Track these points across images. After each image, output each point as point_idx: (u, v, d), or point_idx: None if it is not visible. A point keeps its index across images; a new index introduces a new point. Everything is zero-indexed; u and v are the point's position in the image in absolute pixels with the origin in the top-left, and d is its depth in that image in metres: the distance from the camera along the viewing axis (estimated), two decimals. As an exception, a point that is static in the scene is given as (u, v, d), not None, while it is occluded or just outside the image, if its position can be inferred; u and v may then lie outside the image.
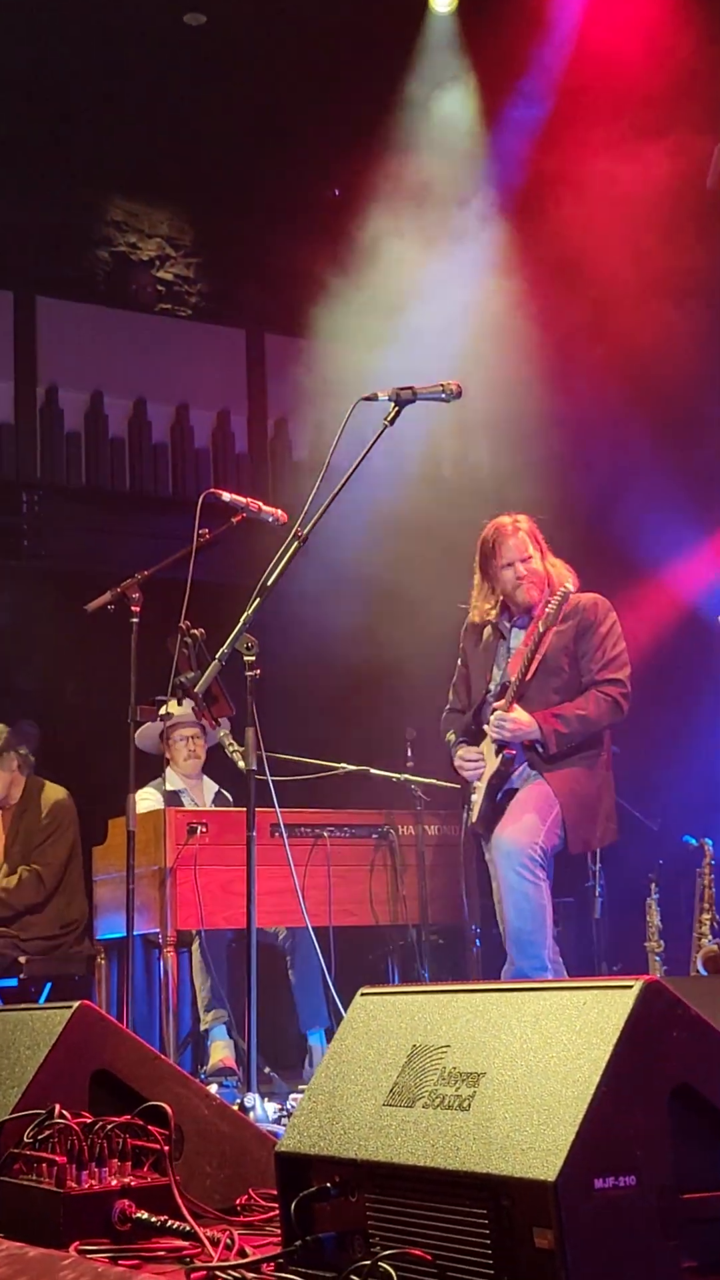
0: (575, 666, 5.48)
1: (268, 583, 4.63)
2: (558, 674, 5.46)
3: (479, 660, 5.72)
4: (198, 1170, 3.28)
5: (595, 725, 5.41)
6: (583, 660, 5.48)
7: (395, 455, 5.04)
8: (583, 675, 5.47)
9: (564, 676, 5.47)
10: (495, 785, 5.53)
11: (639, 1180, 2.13)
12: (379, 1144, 2.46)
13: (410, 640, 8.73)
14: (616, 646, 5.50)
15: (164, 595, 5.76)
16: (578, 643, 5.50)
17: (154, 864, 6.31)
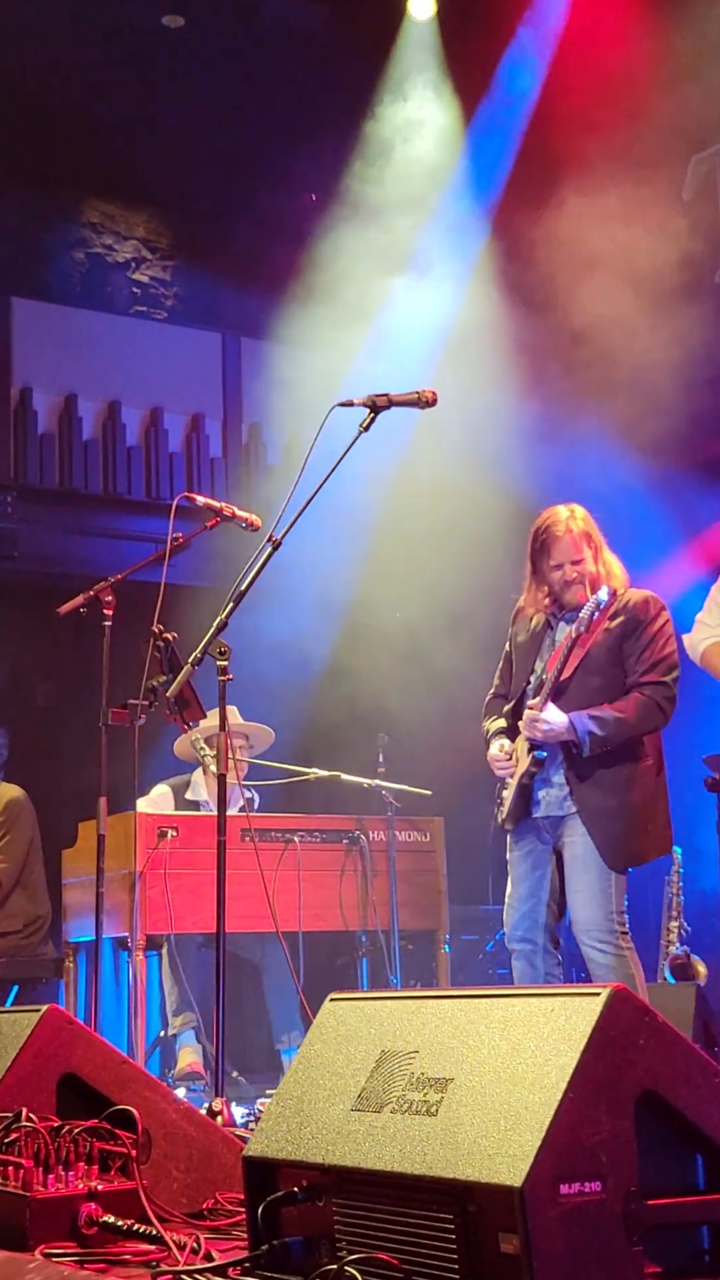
0: (619, 666, 5.20)
1: (241, 587, 4.63)
2: (600, 673, 5.20)
3: (524, 650, 5.44)
4: (165, 1174, 3.28)
5: (634, 729, 5.11)
6: (628, 660, 5.20)
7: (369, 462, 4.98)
8: (627, 675, 5.19)
9: (607, 676, 5.20)
10: (526, 785, 5.24)
11: (605, 1186, 2.14)
12: (347, 1149, 2.47)
13: (383, 645, 8.75)
14: (665, 648, 5.20)
15: (137, 598, 5.76)
16: (623, 642, 5.20)
17: (124, 867, 6.31)
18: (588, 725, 5.07)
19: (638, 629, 5.20)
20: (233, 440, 10.52)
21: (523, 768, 5.20)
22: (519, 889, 5.34)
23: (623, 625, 5.21)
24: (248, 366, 10.60)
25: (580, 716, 5.08)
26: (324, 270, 9.55)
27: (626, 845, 5.14)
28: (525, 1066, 2.26)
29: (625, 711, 5.09)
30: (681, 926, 7.36)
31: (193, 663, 4.65)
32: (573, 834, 5.17)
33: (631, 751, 5.17)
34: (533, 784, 5.26)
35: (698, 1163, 2.32)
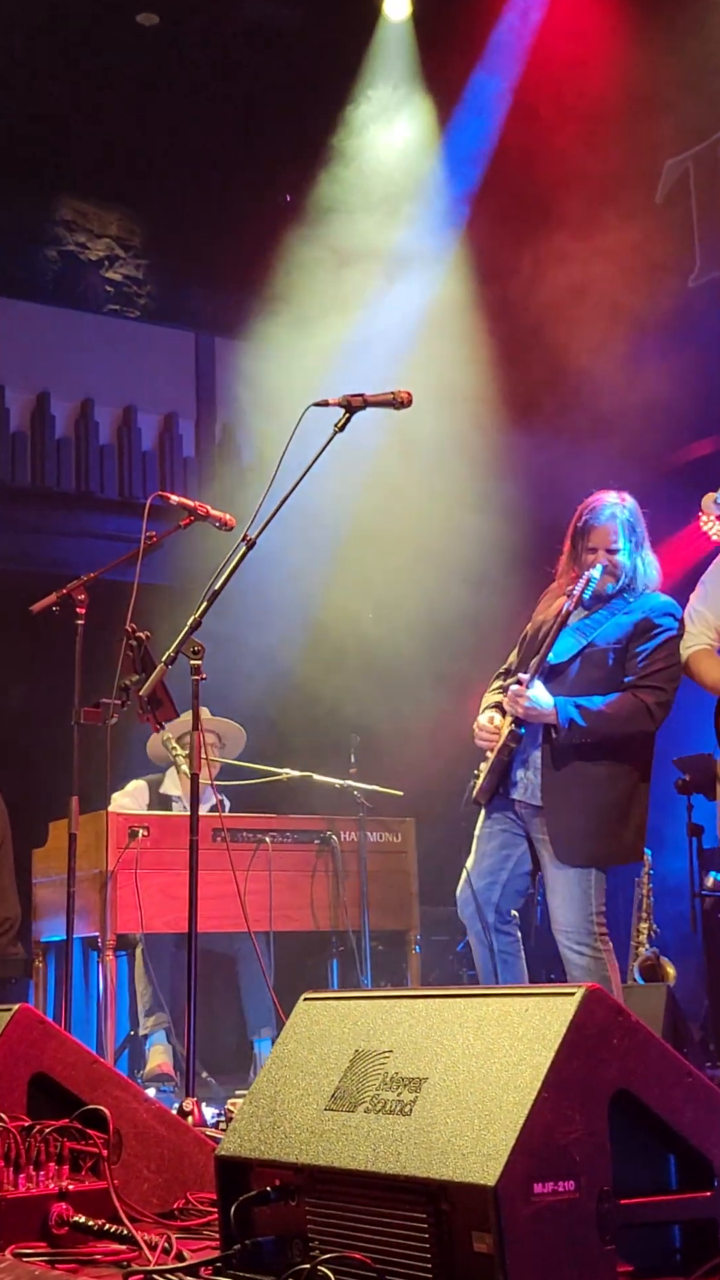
0: (621, 664, 5.10)
1: (215, 587, 4.62)
2: (603, 666, 5.10)
3: (540, 629, 5.29)
4: (136, 1174, 3.27)
5: (618, 727, 4.99)
6: (633, 660, 5.09)
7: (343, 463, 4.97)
8: (626, 674, 5.10)
9: (609, 670, 5.10)
10: (504, 761, 5.09)
11: (578, 1185, 2.15)
12: (320, 1148, 2.47)
13: (356, 645, 8.75)
14: (671, 658, 5.12)
15: (109, 597, 5.74)
16: (631, 640, 5.10)
17: (95, 867, 6.30)
18: (571, 713, 4.97)
19: (650, 632, 5.11)
20: (206, 440, 10.51)
21: (501, 739, 5.08)
22: (479, 865, 5.21)
23: (637, 625, 5.12)
24: (221, 366, 10.59)
25: (566, 703, 4.99)
26: (298, 270, 9.55)
27: (585, 842, 5.05)
28: (499, 1066, 2.26)
29: (614, 708, 5.00)
30: (651, 928, 7.38)
31: (166, 662, 4.64)
32: (545, 833, 5.09)
33: (618, 751, 5.08)
34: (511, 762, 5.13)
35: (670, 1162, 2.33)
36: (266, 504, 4.55)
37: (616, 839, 5.09)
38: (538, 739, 5.10)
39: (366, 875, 6.90)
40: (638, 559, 5.19)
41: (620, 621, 5.14)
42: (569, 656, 5.13)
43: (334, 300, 9.38)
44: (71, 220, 11.22)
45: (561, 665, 5.12)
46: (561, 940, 5.09)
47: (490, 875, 5.18)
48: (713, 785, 6.81)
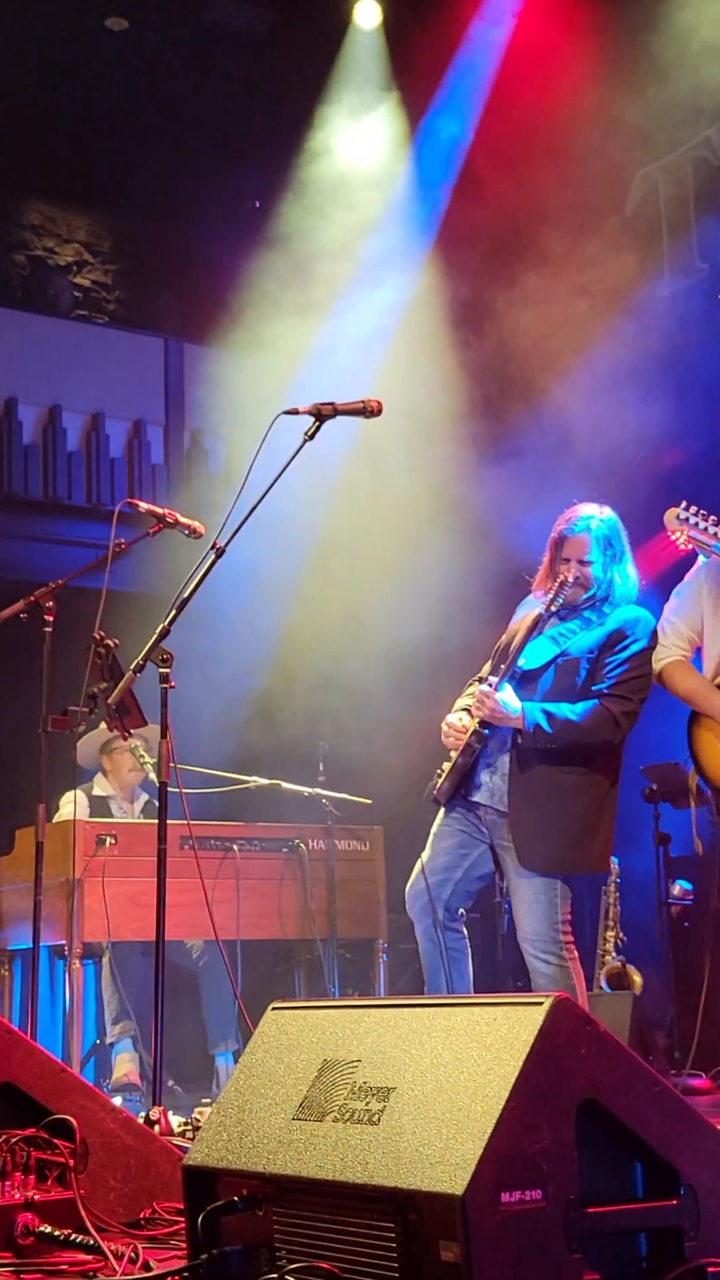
0: (593, 673, 5.08)
1: (184, 595, 4.61)
2: (574, 675, 5.08)
3: (516, 636, 5.26)
4: (102, 1184, 3.26)
5: (583, 735, 4.97)
6: (603, 669, 5.08)
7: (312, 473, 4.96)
8: (596, 684, 5.08)
9: (579, 679, 5.08)
10: (467, 762, 5.07)
11: (545, 1194, 2.15)
12: (287, 1158, 2.47)
13: (323, 654, 8.75)
14: (640, 670, 5.10)
15: (77, 605, 5.73)
16: (603, 650, 5.09)
17: (62, 875, 6.28)
18: (537, 718, 4.96)
19: (622, 643, 5.11)
20: (174, 446, 10.49)
21: (466, 738, 5.06)
22: (433, 861, 5.19)
23: (610, 635, 5.11)
24: (190, 372, 10.57)
25: (534, 708, 4.98)
26: (267, 277, 9.55)
27: (551, 850, 5.03)
28: (467, 1075, 2.27)
29: (581, 716, 4.99)
30: (618, 936, 7.40)
31: (135, 669, 4.63)
32: (508, 841, 5.06)
33: (586, 760, 5.07)
34: (474, 764, 5.12)
35: (636, 1170, 2.34)
36: (236, 512, 4.55)
37: (582, 848, 5.07)
38: (506, 744, 5.09)
39: (334, 883, 6.90)
40: (614, 571, 5.18)
41: (594, 632, 5.14)
42: (542, 664, 5.13)
43: (303, 307, 9.38)
44: (40, 225, 11.21)
45: (534, 672, 5.12)
46: (526, 949, 5.08)
47: (444, 872, 5.17)
48: (679, 794, 6.86)
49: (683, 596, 5.39)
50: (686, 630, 5.33)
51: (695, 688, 5.24)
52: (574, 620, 5.17)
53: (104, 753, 7.40)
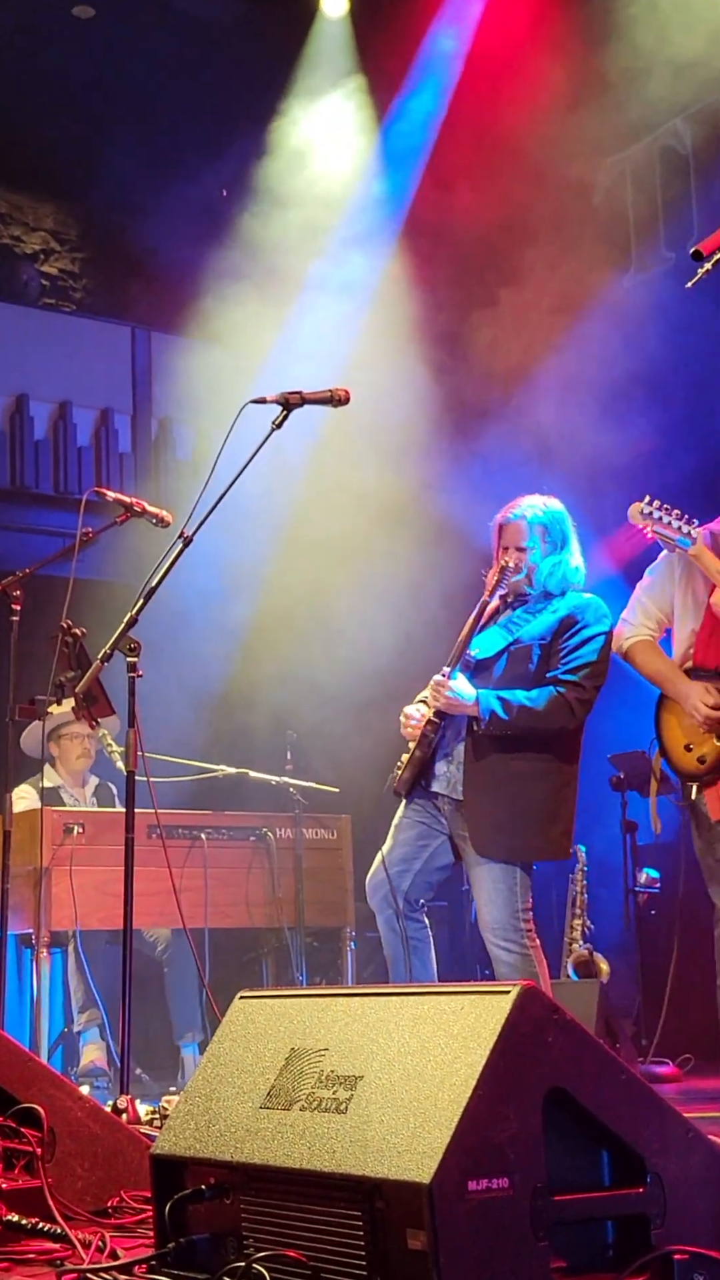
0: (546, 659, 5.11)
1: (152, 584, 4.61)
2: (527, 662, 5.11)
3: (467, 624, 5.29)
4: (70, 1172, 3.26)
5: (539, 721, 4.99)
6: (556, 655, 5.10)
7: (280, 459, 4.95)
8: (550, 670, 5.10)
9: (533, 665, 5.10)
10: (425, 753, 5.11)
11: (512, 1182, 2.16)
12: (255, 1146, 2.48)
13: (292, 643, 8.75)
14: (594, 654, 5.11)
15: (43, 593, 5.71)
16: (556, 636, 5.12)
17: (29, 864, 6.27)
18: (492, 704, 4.99)
19: (575, 629, 5.14)
20: (142, 435, 10.46)
21: (421, 737, 5.09)
22: (393, 852, 5.22)
23: (562, 621, 5.15)
24: (158, 361, 10.53)
25: (489, 694, 5.01)
26: (235, 265, 9.52)
27: (509, 838, 5.06)
28: (435, 1064, 2.27)
29: (535, 701, 5.02)
30: (585, 924, 7.43)
31: (102, 659, 4.63)
32: (466, 831, 5.10)
33: (543, 747, 5.09)
34: (433, 754, 5.15)
35: (603, 1159, 2.35)
36: (203, 501, 4.54)
37: (543, 835, 5.10)
38: (461, 733, 5.11)
39: (302, 872, 6.91)
40: (554, 559, 5.22)
41: (545, 619, 5.18)
42: (495, 652, 5.17)
43: (271, 297, 9.37)
44: (6, 213, 11.15)
45: (488, 661, 5.15)
46: (488, 938, 5.10)
47: (404, 863, 5.20)
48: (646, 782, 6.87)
49: (654, 577, 5.40)
50: (656, 611, 5.34)
51: (661, 669, 5.25)
52: (524, 608, 5.21)
53: (52, 739, 7.37)
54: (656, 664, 5.27)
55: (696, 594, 5.22)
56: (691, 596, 5.24)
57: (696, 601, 5.21)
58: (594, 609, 5.20)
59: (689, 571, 5.23)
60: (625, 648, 5.32)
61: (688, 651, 5.19)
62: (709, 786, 5.06)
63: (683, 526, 4.96)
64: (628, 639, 5.32)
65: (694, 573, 5.20)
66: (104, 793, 7.44)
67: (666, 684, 5.22)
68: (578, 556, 5.31)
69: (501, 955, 5.07)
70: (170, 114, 10.31)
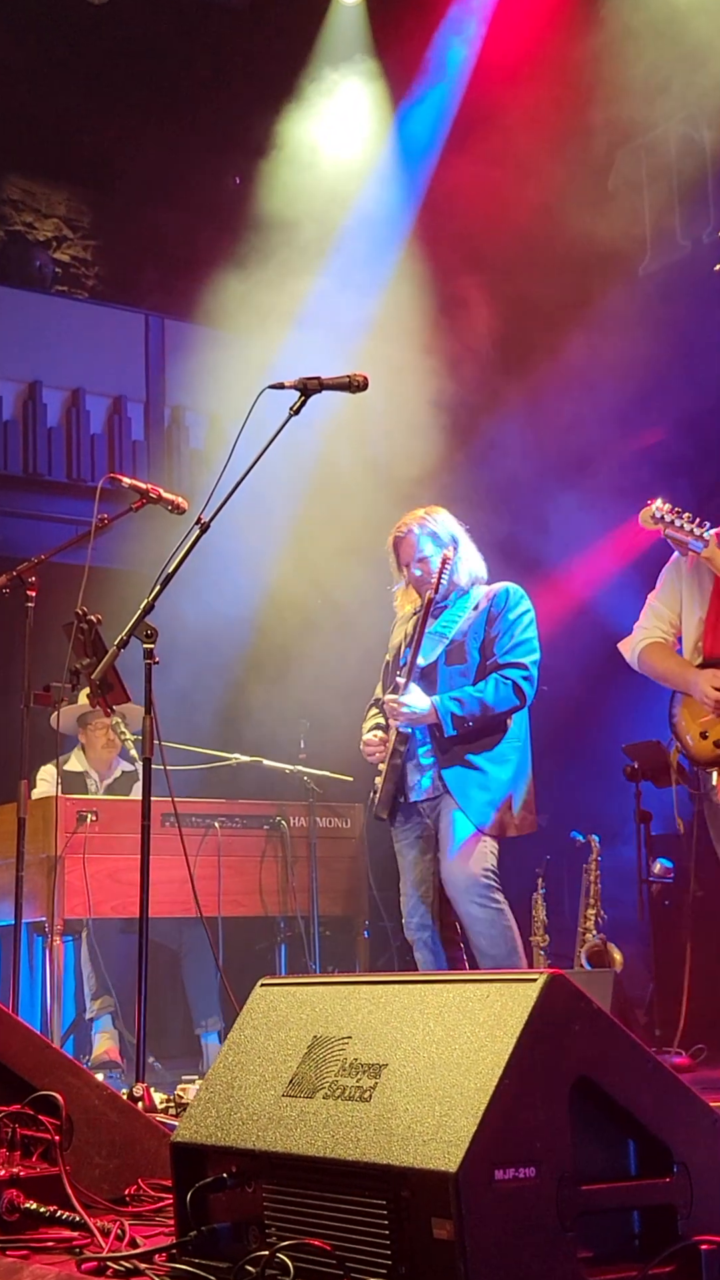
0: (483, 650, 5.38)
1: (168, 570, 4.58)
2: (465, 658, 5.38)
3: (399, 650, 5.63)
4: (87, 1160, 3.25)
5: (494, 710, 5.27)
6: (491, 645, 5.38)
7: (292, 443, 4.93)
8: (488, 659, 5.37)
9: (471, 660, 5.38)
10: (398, 766, 5.36)
11: (538, 1172, 2.15)
12: (278, 1134, 2.46)
13: (305, 632, 8.73)
14: (525, 632, 5.39)
15: (55, 581, 5.69)
16: (487, 629, 5.40)
17: (43, 851, 6.26)
18: (449, 706, 5.24)
19: (498, 616, 5.40)
20: (155, 423, 10.43)
21: (390, 746, 5.34)
22: (407, 877, 5.49)
23: (485, 615, 5.42)
24: (171, 348, 10.50)
25: (443, 699, 5.26)
26: (249, 253, 9.49)
27: (492, 812, 5.33)
28: (460, 1052, 2.26)
29: (484, 693, 5.28)
30: (599, 914, 7.40)
31: (119, 645, 4.61)
32: (446, 808, 5.34)
33: (500, 730, 5.37)
34: (404, 768, 5.39)
35: (630, 1148, 2.33)
36: (220, 487, 4.52)
37: (509, 812, 5.37)
38: (423, 739, 5.38)
39: (316, 861, 6.90)
40: (450, 560, 5.43)
41: (469, 614, 5.46)
42: (435, 657, 5.43)
43: (285, 284, 9.34)
44: (19, 200, 11.13)
45: (429, 668, 5.41)
46: (459, 899, 5.30)
47: (423, 883, 5.45)
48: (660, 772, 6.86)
49: (661, 582, 5.46)
50: (666, 612, 5.39)
51: (670, 667, 5.31)
52: (445, 611, 5.49)
53: (80, 726, 7.37)
54: (666, 663, 5.32)
55: (702, 585, 5.25)
56: (697, 588, 5.28)
57: (702, 591, 5.26)
58: (512, 593, 5.49)
59: (695, 566, 5.25)
60: (639, 650, 5.37)
61: (698, 644, 5.21)
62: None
63: (695, 529, 4.99)
64: (639, 643, 5.39)
65: (700, 567, 5.22)
66: (123, 780, 7.39)
67: (675, 679, 5.27)
68: (471, 549, 5.61)
69: (474, 910, 5.28)
70: (184, 101, 10.28)
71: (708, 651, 5.16)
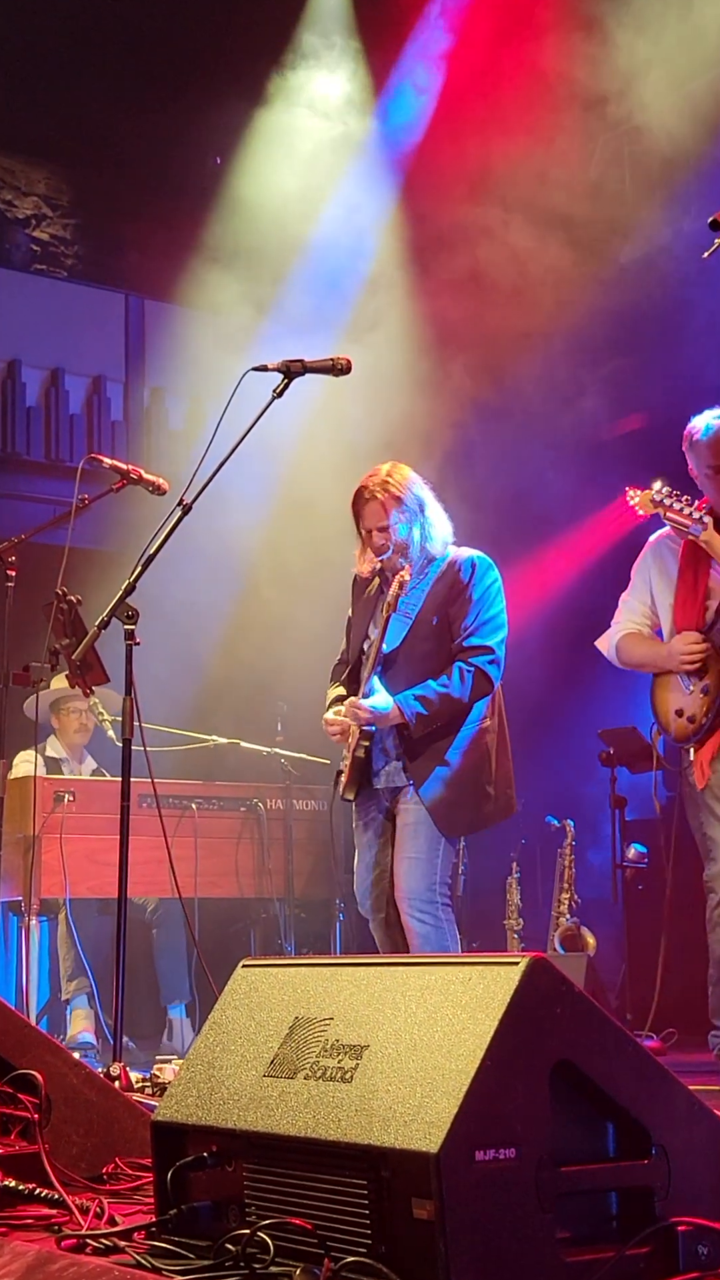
0: (447, 630, 5.12)
1: (149, 551, 4.59)
2: (427, 639, 5.11)
3: (361, 611, 5.38)
4: (65, 1139, 3.26)
5: (461, 703, 5.04)
6: (454, 624, 5.11)
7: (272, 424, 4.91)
8: (453, 637, 5.10)
9: (434, 642, 5.11)
10: (360, 758, 5.16)
11: (519, 1153, 2.16)
12: (259, 1114, 2.47)
13: (284, 613, 8.72)
14: (491, 608, 5.13)
15: (34, 561, 5.69)
16: (448, 606, 5.11)
17: (20, 831, 6.27)
18: (414, 707, 5.01)
19: (462, 591, 5.13)
20: (134, 403, 10.41)
21: (354, 740, 5.13)
22: (363, 859, 5.31)
23: (448, 589, 5.13)
24: (151, 328, 10.48)
25: (407, 699, 5.02)
26: (230, 234, 9.47)
27: (460, 813, 5.12)
28: (442, 1034, 2.27)
29: (449, 686, 5.03)
30: (573, 898, 7.45)
31: (100, 626, 4.61)
32: (406, 802, 5.15)
33: (464, 721, 5.13)
34: (370, 756, 5.18)
35: (609, 1130, 2.35)
36: (202, 469, 4.52)
37: (489, 799, 5.17)
38: (390, 729, 5.14)
39: (292, 843, 6.92)
40: (417, 525, 5.16)
41: (432, 589, 5.16)
42: (401, 640, 5.17)
43: (265, 264, 9.32)
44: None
45: (395, 651, 5.16)
46: (404, 907, 5.12)
47: (377, 866, 5.27)
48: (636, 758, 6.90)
49: (635, 578, 5.49)
50: (640, 606, 5.44)
51: (647, 650, 5.35)
52: (411, 587, 5.16)
53: (53, 711, 7.36)
54: (641, 649, 5.35)
55: (668, 572, 5.30)
56: (665, 576, 5.32)
57: (669, 579, 5.29)
58: (479, 564, 5.18)
59: (659, 554, 5.31)
60: (615, 643, 5.39)
61: (671, 626, 5.26)
62: (700, 747, 5.11)
63: (694, 513, 5.02)
64: (615, 636, 5.40)
65: (664, 554, 5.29)
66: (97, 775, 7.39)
67: (655, 659, 5.29)
68: (439, 513, 5.26)
69: (415, 926, 5.09)
70: (165, 79, 10.23)
71: (680, 630, 5.21)
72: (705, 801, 5.12)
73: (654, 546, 5.42)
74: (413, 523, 5.15)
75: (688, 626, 5.18)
